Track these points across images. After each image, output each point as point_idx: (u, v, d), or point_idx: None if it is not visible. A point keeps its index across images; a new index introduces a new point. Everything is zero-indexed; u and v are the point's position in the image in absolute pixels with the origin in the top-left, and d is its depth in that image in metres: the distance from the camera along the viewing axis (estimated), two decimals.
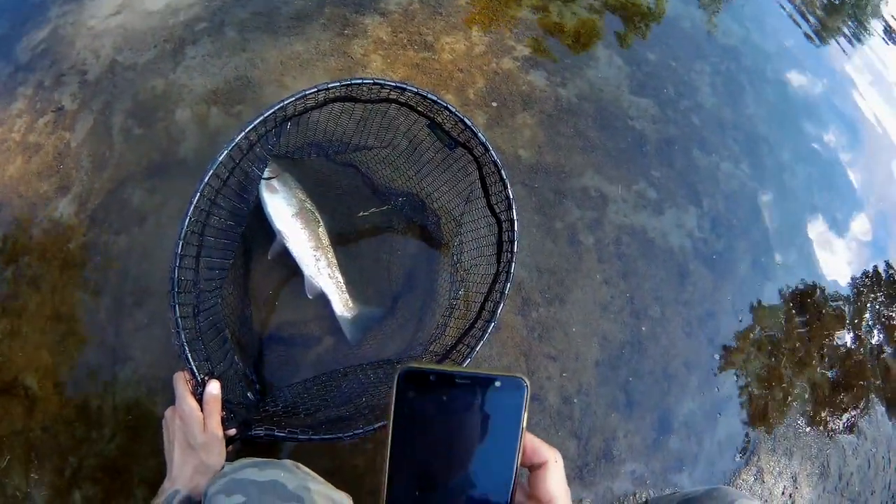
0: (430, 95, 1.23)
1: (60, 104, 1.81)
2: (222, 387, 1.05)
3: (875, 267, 2.01)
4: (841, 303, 1.87)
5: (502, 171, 1.21)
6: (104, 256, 1.58)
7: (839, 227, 2.00)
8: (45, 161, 1.70)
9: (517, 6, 1.87)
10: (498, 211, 1.28)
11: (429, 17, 1.84)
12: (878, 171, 2.21)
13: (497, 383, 0.45)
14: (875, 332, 1.90)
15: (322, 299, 1.43)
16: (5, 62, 1.94)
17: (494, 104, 1.71)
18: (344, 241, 1.54)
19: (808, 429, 1.69)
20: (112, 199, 1.65)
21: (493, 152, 1.20)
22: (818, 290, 1.85)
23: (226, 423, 1.03)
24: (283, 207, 1.48)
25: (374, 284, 1.50)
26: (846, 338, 1.84)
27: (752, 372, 1.68)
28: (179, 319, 1.08)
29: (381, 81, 1.23)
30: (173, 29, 1.88)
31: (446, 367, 0.48)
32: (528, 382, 0.45)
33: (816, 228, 1.95)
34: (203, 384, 1.04)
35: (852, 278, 1.94)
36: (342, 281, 1.46)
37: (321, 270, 1.45)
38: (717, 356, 1.64)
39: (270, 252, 1.47)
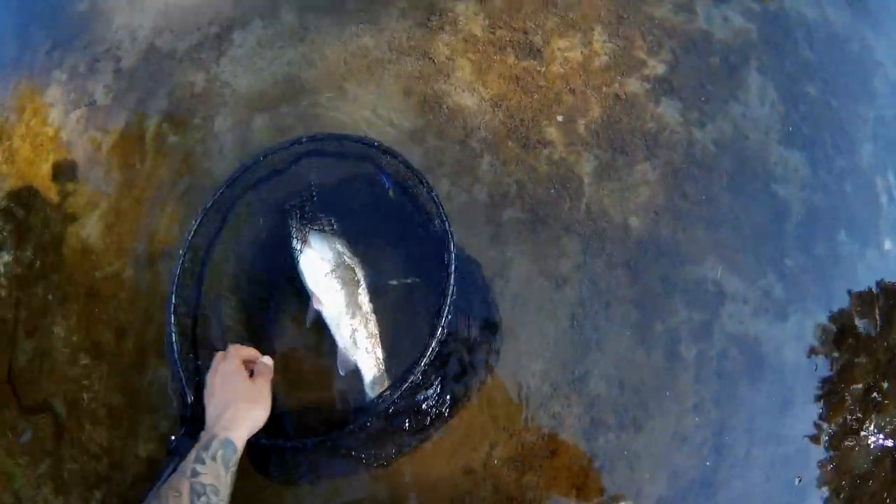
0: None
1: (93, 97, 1.29)
2: None
3: None
4: None
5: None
6: (129, 293, 1.12)
7: None
8: (76, 165, 1.23)
9: (657, 2, 1.14)
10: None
11: (540, 8, 1.12)
12: None
13: None
14: None
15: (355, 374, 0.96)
16: (46, 34, 1.41)
17: (608, 151, 1.07)
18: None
19: None
20: (139, 225, 1.15)
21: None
22: None
23: None
24: (317, 263, 1.00)
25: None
26: None
27: None
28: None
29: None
30: (221, 6, 1.23)
31: None
32: None
33: None
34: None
35: None
36: (381, 358, 0.97)
37: (358, 343, 0.96)
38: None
39: (307, 318, 0.99)
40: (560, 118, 1.04)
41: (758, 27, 1.19)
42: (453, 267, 0.89)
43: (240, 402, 0.82)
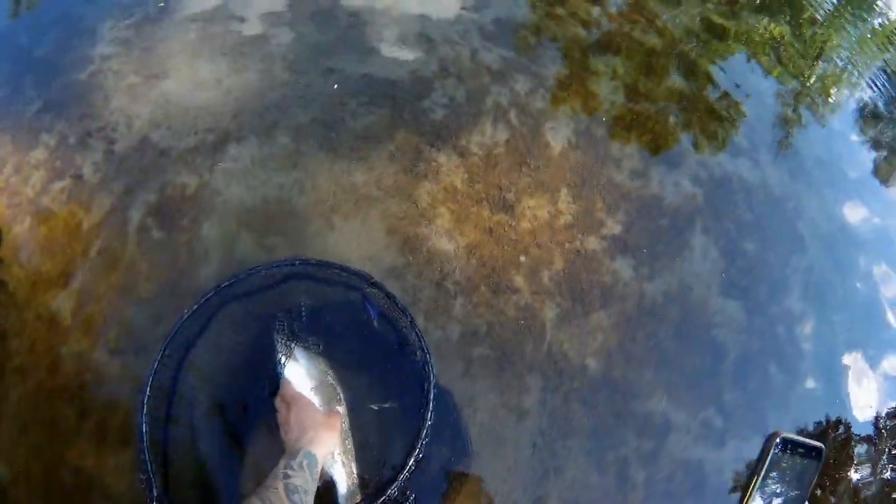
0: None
1: (80, 171, 1.39)
2: None
3: None
4: None
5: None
6: (94, 376, 1.16)
7: None
8: (53, 234, 1.31)
9: (616, 169, 1.32)
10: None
11: (513, 168, 1.30)
12: None
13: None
14: None
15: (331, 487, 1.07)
16: (38, 91, 1.45)
17: (569, 300, 1.19)
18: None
19: None
20: (112, 311, 1.21)
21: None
22: None
23: None
24: (301, 379, 1.10)
25: None
26: None
27: None
28: None
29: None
30: (220, 116, 1.36)
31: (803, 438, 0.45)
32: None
33: None
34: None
35: None
36: (355, 473, 1.09)
37: (335, 457, 1.08)
38: None
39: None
40: (526, 269, 1.16)
41: (703, 191, 1.38)
42: (433, 394, 0.99)
43: (319, 427, 0.98)
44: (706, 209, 1.45)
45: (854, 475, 1.50)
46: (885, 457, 1.58)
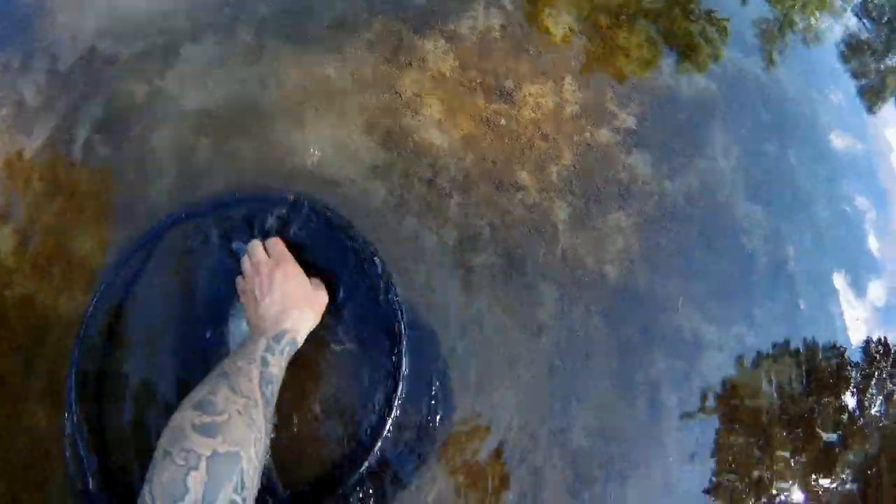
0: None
1: (22, 96, 1.14)
2: None
3: None
4: None
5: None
6: (41, 320, 0.93)
7: None
8: None
9: (626, 58, 1.14)
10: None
11: (511, 53, 1.11)
12: None
13: None
14: None
15: None
16: None
17: (582, 199, 1.01)
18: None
19: None
20: (57, 244, 0.97)
21: None
22: None
23: None
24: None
25: None
26: None
27: None
28: None
29: None
30: (171, 15, 1.14)
31: None
32: None
33: None
34: None
35: None
36: None
37: None
38: None
39: None
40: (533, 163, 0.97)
41: (720, 87, 1.21)
42: (404, 341, 0.80)
43: (303, 306, 0.85)
44: (723, 105, 1.27)
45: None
46: None
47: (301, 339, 0.83)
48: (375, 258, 0.96)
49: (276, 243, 0.90)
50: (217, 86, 1.13)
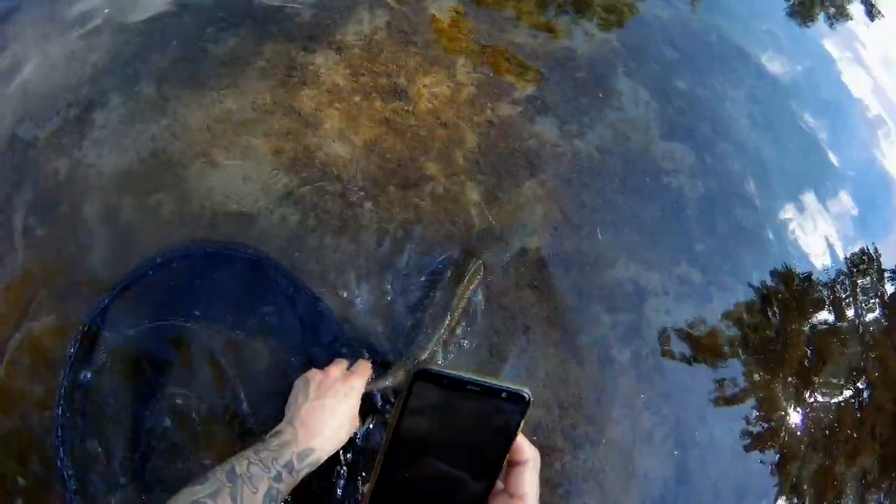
0: None
1: None
2: None
3: None
4: None
5: None
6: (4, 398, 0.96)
7: None
8: None
9: (514, 28, 1.13)
10: None
11: (399, 50, 1.11)
12: None
13: (503, 394, 0.38)
14: None
15: None
16: None
17: (492, 175, 1.00)
18: None
19: None
20: (15, 329, 1.00)
21: None
22: None
23: None
24: None
25: None
26: None
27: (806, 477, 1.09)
28: None
29: None
30: (79, 87, 1.17)
31: (460, 372, 0.38)
32: (531, 397, 0.38)
33: None
34: None
35: None
36: None
37: None
38: (762, 463, 1.04)
39: None
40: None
41: (618, 36, 1.19)
42: None
43: (344, 427, 0.80)
44: (625, 53, 1.24)
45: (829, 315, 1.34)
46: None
47: (322, 460, 0.78)
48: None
49: (364, 366, 0.88)
50: (131, 145, 1.15)
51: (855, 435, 1.21)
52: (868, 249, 1.39)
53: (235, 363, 0.99)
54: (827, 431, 1.18)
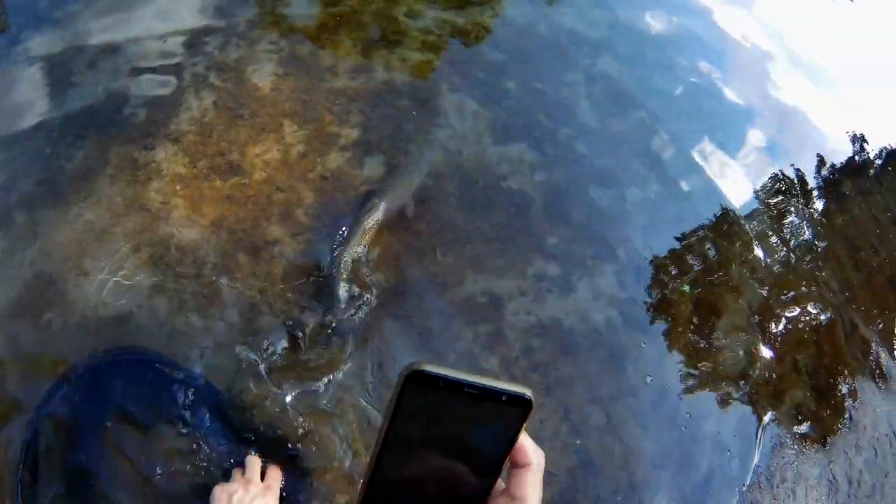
0: None
1: None
2: None
3: None
4: None
5: None
6: None
7: None
8: None
9: (332, 76, 1.17)
10: None
11: (229, 126, 1.17)
12: None
13: (504, 397, 0.35)
14: None
15: None
16: None
17: (331, 224, 1.06)
18: None
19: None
20: None
21: None
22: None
23: None
24: None
25: None
26: None
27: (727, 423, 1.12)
28: None
29: None
30: None
31: (457, 374, 0.34)
32: (533, 398, 0.35)
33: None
34: None
35: None
36: None
37: None
38: (685, 428, 1.08)
39: None
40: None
41: (440, 55, 1.22)
42: None
43: None
44: (447, 68, 1.27)
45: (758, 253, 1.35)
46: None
47: None
48: None
49: (276, 472, 0.92)
50: (16, 273, 1.20)
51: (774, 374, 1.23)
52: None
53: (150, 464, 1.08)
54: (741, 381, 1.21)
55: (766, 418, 1.14)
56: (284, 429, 1.00)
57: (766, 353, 1.24)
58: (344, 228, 1.12)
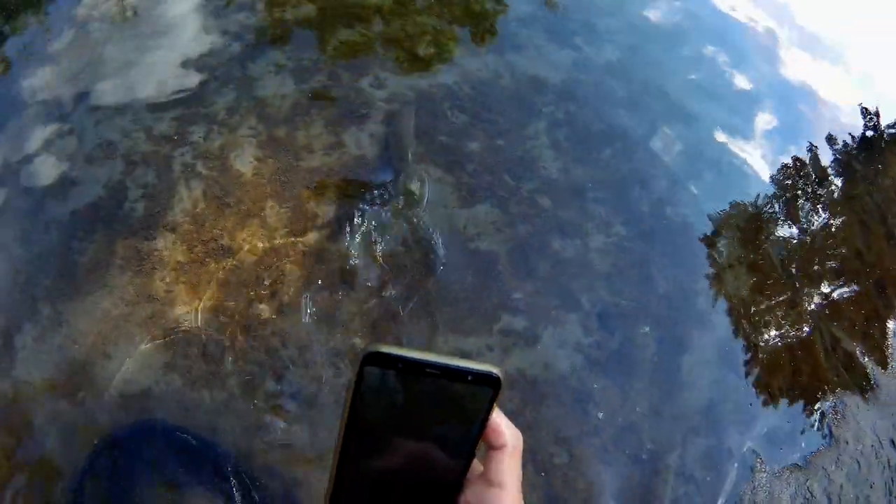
0: None
1: None
2: None
3: None
4: None
5: None
6: None
7: None
8: None
9: (308, 154, 1.26)
10: None
11: (218, 215, 1.27)
12: None
13: (469, 377, 0.34)
14: None
15: None
16: None
17: (322, 298, 1.16)
18: None
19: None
20: None
21: None
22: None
23: None
24: None
25: None
26: None
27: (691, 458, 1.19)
28: None
29: None
30: None
31: (417, 354, 0.33)
32: (501, 376, 0.34)
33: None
34: None
35: None
36: None
37: None
38: (645, 458, 1.16)
39: None
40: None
41: (406, 122, 1.28)
42: None
43: None
44: (412, 137, 1.36)
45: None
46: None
47: None
48: None
49: None
50: (48, 358, 1.37)
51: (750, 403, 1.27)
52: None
53: None
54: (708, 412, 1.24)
55: (733, 445, 1.20)
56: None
57: (736, 381, 1.28)
58: (328, 302, 1.22)
